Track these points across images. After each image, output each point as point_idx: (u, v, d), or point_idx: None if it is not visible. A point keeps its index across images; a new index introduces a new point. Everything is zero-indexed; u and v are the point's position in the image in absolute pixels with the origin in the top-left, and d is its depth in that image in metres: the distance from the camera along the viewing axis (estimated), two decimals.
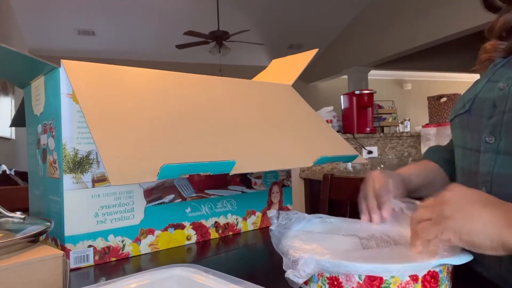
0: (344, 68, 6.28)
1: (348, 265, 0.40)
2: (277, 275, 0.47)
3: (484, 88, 0.59)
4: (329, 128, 0.82)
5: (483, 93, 0.59)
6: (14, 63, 0.57)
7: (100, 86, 0.56)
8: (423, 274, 0.40)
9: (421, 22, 4.70)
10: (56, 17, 5.10)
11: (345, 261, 0.41)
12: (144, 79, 0.63)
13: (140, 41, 6.01)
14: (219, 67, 6.44)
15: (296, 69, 0.87)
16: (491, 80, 0.59)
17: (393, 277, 0.40)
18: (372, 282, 0.40)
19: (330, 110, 2.51)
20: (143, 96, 0.60)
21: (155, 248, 0.63)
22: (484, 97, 0.58)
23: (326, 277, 0.42)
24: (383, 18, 5.36)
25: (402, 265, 0.40)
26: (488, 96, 0.57)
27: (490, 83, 0.59)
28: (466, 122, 0.60)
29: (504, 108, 0.53)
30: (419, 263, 0.41)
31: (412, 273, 0.40)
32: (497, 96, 0.55)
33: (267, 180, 0.79)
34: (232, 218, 0.73)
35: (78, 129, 0.55)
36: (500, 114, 0.54)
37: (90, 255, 0.56)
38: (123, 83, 0.59)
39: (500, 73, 0.59)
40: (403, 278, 0.40)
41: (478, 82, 0.63)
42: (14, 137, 4.40)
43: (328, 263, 0.41)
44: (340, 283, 0.41)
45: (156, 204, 0.63)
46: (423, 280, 0.40)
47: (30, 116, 0.65)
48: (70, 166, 0.54)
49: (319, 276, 0.42)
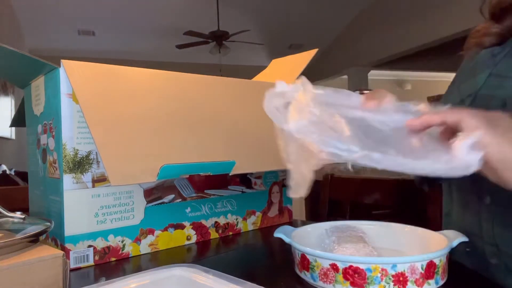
0: (344, 68, 6.28)
1: None
2: (277, 275, 0.47)
3: (487, 83, 0.53)
4: None
5: (487, 89, 0.52)
6: (14, 63, 0.57)
7: (100, 86, 0.56)
8: (343, 267, 0.41)
9: (421, 22, 4.70)
10: (56, 17, 5.10)
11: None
12: (144, 79, 0.63)
13: (140, 41, 6.01)
14: (219, 67, 6.44)
15: (296, 69, 0.87)
16: (495, 74, 0.52)
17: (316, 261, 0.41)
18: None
19: None
20: (143, 96, 0.60)
21: (155, 248, 0.63)
22: (490, 94, 0.52)
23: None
24: (383, 18, 5.36)
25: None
26: (496, 94, 0.51)
27: (495, 78, 0.52)
28: None
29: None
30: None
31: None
32: (510, 95, 0.49)
33: (267, 180, 0.79)
34: (232, 218, 0.73)
35: (78, 129, 0.55)
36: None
37: (90, 255, 0.56)
38: (123, 83, 0.59)
39: (505, 66, 0.52)
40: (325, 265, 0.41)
41: (476, 74, 0.55)
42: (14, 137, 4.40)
43: None
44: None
45: (156, 204, 0.63)
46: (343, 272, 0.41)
47: (30, 116, 0.65)
48: (70, 166, 0.54)
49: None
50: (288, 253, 0.50)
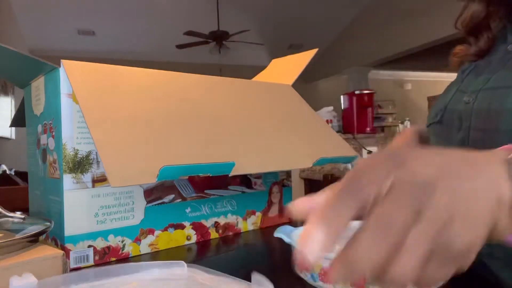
0: (344, 68, 6.28)
1: None
2: (277, 275, 0.47)
3: (453, 98, 0.57)
4: (329, 128, 0.83)
5: (452, 104, 0.56)
6: (14, 63, 0.57)
7: (100, 86, 0.56)
8: None
9: (421, 22, 4.70)
10: (56, 17, 5.10)
11: None
12: (144, 79, 0.63)
13: (140, 41, 6.01)
14: (219, 67, 6.45)
15: (296, 69, 0.87)
16: (460, 89, 0.56)
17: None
18: None
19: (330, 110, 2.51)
20: (143, 96, 0.60)
21: (155, 248, 0.63)
22: (453, 108, 0.55)
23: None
24: (383, 18, 5.36)
25: None
26: (456, 108, 0.54)
27: (459, 93, 0.56)
28: (439, 132, 0.58)
29: (469, 125, 0.51)
30: None
31: None
32: (463, 109, 0.53)
33: (267, 180, 0.79)
34: (232, 218, 0.73)
35: (78, 129, 0.55)
36: (466, 130, 0.51)
37: (90, 255, 0.56)
38: (123, 83, 0.59)
39: (468, 82, 0.56)
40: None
41: (449, 91, 0.60)
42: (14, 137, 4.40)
43: None
44: None
45: (156, 204, 0.63)
46: None
47: (30, 116, 0.65)
48: (70, 166, 0.54)
49: None
50: (288, 253, 0.50)
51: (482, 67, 0.55)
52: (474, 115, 0.50)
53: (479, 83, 0.53)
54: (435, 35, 4.50)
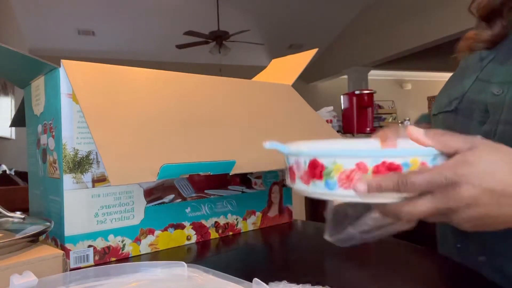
0: (344, 68, 6.28)
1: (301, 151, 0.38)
2: (277, 275, 0.47)
3: (473, 87, 0.54)
4: (329, 128, 0.83)
5: (472, 93, 0.53)
6: (14, 63, 0.57)
7: (100, 86, 0.56)
8: (374, 165, 0.34)
9: (421, 22, 4.70)
10: (56, 17, 5.10)
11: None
12: (144, 79, 0.63)
13: (140, 41, 6.01)
14: (219, 67, 6.45)
15: (296, 69, 0.87)
16: (481, 78, 0.53)
17: (335, 164, 0.35)
18: (314, 169, 0.36)
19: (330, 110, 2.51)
20: (143, 96, 0.60)
21: (155, 248, 0.63)
22: (474, 98, 0.52)
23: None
24: (383, 18, 5.36)
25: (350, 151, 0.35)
26: (479, 98, 0.52)
27: (480, 82, 0.53)
28: (453, 122, 0.55)
29: (499, 118, 0.48)
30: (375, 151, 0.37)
31: (359, 161, 0.34)
32: (490, 101, 0.50)
33: (267, 180, 0.79)
34: (232, 218, 0.73)
35: (78, 129, 0.55)
36: (494, 124, 0.49)
37: (90, 255, 0.56)
38: (123, 83, 0.59)
39: (491, 71, 0.53)
40: (347, 166, 0.34)
41: (464, 78, 0.56)
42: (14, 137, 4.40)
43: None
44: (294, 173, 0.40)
45: (156, 204, 0.63)
46: (375, 171, 0.34)
47: (30, 116, 0.65)
48: (70, 166, 0.54)
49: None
50: (288, 253, 0.50)
51: (505, 56, 0.52)
52: (507, 107, 0.47)
53: (507, 74, 0.50)
54: (435, 35, 4.50)
